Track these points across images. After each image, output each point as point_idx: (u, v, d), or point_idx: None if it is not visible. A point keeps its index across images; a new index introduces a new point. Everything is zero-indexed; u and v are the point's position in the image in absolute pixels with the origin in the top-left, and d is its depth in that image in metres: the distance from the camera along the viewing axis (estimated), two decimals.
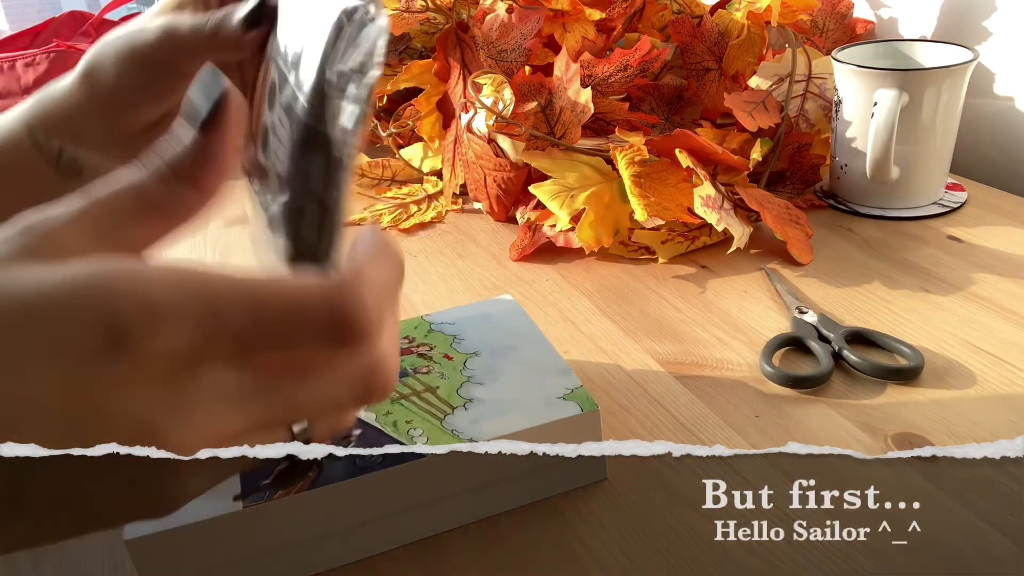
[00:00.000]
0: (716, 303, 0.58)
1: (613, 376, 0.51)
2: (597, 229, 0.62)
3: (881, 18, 0.85)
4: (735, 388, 0.49)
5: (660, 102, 0.75)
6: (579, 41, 0.76)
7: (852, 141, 0.67)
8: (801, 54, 0.72)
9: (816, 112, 0.72)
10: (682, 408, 0.48)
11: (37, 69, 0.97)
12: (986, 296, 0.56)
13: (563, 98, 0.67)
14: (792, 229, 0.63)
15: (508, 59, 0.73)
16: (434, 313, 0.51)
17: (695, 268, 0.63)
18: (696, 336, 0.54)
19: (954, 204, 0.68)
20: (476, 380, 0.44)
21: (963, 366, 0.49)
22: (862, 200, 0.69)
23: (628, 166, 0.61)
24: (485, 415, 0.41)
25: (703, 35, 0.74)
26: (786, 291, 0.58)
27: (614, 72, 0.72)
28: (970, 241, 0.63)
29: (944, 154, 0.67)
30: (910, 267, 0.60)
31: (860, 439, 0.44)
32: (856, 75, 0.65)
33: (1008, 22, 0.73)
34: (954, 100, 0.65)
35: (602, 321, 0.57)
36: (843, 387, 0.48)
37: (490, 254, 0.68)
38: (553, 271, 0.64)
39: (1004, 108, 0.75)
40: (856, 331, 0.52)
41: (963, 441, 0.43)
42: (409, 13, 0.76)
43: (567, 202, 0.62)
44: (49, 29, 1.12)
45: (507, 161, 0.70)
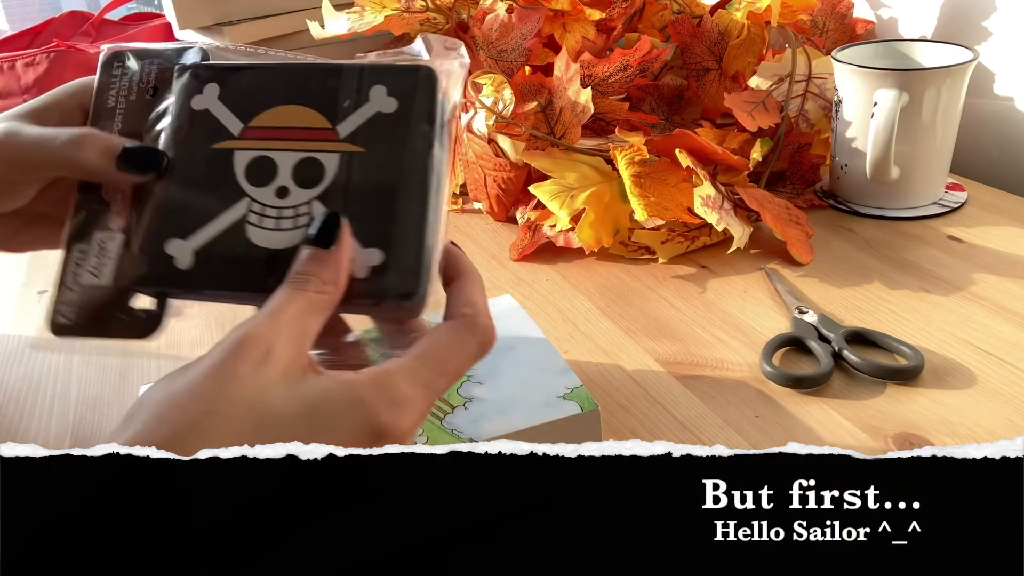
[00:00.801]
0: (716, 303, 0.58)
1: (613, 376, 0.51)
2: (597, 229, 0.62)
3: (881, 18, 0.85)
4: (735, 388, 0.49)
5: (660, 102, 0.75)
6: (579, 41, 0.76)
7: (852, 141, 0.67)
8: (801, 54, 0.72)
9: (816, 112, 0.72)
10: (682, 408, 0.48)
11: (37, 69, 0.97)
12: (986, 296, 0.56)
13: (563, 98, 0.67)
14: (792, 229, 0.63)
15: (508, 59, 0.73)
16: (434, 313, 0.51)
17: (695, 268, 0.63)
18: (696, 336, 0.54)
19: (954, 204, 0.68)
20: (476, 379, 0.44)
21: (963, 366, 0.49)
22: (862, 200, 0.69)
23: (628, 166, 0.61)
24: (485, 414, 0.41)
25: (703, 35, 0.74)
26: (786, 291, 0.58)
27: (614, 72, 0.72)
28: (970, 241, 0.63)
29: (944, 154, 0.67)
30: (910, 267, 0.60)
31: (860, 439, 0.44)
32: (856, 75, 0.65)
33: (1008, 22, 0.73)
34: (954, 100, 0.65)
35: (602, 321, 0.57)
36: (843, 387, 0.48)
37: (490, 254, 0.68)
38: (553, 271, 0.64)
39: (1004, 108, 0.75)
40: (856, 331, 0.52)
41: (963, 441, 0.43)
42: (409, 13, 0.76)
43: (567, 202, 0.62)
44: (49, 29, 1.12)
45: (507, 161, 0.70)
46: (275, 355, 0.30)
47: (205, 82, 0.36)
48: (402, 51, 0.38)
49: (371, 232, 0.34)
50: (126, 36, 1.07)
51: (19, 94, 0.97)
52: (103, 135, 0.37)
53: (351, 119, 0.35)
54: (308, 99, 0.36)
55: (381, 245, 0.34)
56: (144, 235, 0.35)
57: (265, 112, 0.36)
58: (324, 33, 0.76)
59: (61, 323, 0.36)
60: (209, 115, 0.36)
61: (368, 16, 0.74)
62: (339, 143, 0.35)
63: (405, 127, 0.35)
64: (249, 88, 0.36)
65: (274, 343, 0.30)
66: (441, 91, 0.36)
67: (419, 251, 0.34)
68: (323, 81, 0.36)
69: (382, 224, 0.34)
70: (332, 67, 0.36)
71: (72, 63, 0.96)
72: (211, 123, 0.36)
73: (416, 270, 0.33)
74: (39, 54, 0.97)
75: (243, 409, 0.29)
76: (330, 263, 0.33)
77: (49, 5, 1.85)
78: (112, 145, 0.36)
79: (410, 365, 0.31)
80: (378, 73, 0.36)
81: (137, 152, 0.36)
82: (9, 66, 0.97)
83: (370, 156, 0.35)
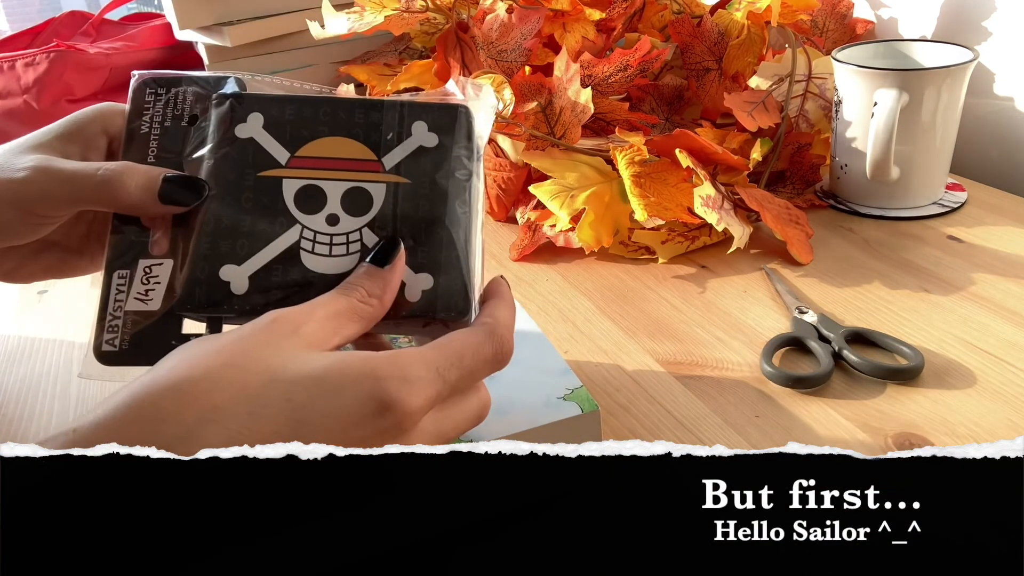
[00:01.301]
0: (716, 303, 0.58)
1: (613, 376, 0.51)
2: (597, 229, 0.62)
3: (881, 18, 0.85)
4: (735, 388, 0.49)
5: (660, 102, 0.75)
6: (579, 41, 0.76)
7: (852, 141, 0.67)
8: (801, 54, 0.72)
9: (816, 112, 0.72)
10: (682, 408, 0.48)
11: (37, 69, 0.97)
12: (986, 296, 0.56)
13: (563, 98, 0.67)
14: (792, 229, 0.63)
15: (508, 59, 0.73)
16: None
17: (695, 268, 0.63)
18: (696, 336, 0.54)
19: (954, 204, 0.68)
20: None
21: (963, 366, 0.49)
22: (862, 200, 0.69)
23: (628, 166, 0.61)
24: None
25: (703, 35, 0.74)
26: (786, 291, 0.58)
27: (614, 72, 0.72)
28: (970, 241, 0.63)
29: (944, 154, 0.67)
30: (910, 267, 0.60)
31: (860, 439, 0.44)
32: (856, 75, 0.65)
33: (1008, 22, 0.73)
34: (954, 100, 0.65)
35: (602, 321, 0.57)
36: (843, 387, 0.48)
37: (490, 254, 0.68)
38: (553, 271, 0.64)
39: (1004, 108, 0.75)
40: (856, 331, 0.52)
41: (963, 441, 0.43)
42: (409, 13, 0.76)
43: (567, 202, 0.62)
44: (49, 29, 1.12)
45: (507, 161, 0.70)
46: (301, 333, 0.31)
47: (248, 111, 0.37)
48: (436, 91, 0.40)
49: (421, 258, 0.36)
50: (126, 36, 1.07)
51: (19, 94, 0.96)
52: (142, 168, 0.37)
53: (395, 152, 0.37)
54: (353, 132, 0.37)
55: (431, 270, 0.36)
56: (197, 261, 0.36)
57: (311, 143, 0.37)
58: (324, 33, 0.76)
59: (108, 351, 0.36)
60: (255, 143, 0.37)
61: (368, 16, 0.74)
62: (385, 174, 0.37)
63: (447, 160, 0.37)
64: (294, 119, 0.37)
65: (303, 325, 0.31)
66: (477, 129, 0.38)
67: (466, 275, 0.36)
68: (366, 115, 0.38)
69: (431, 251, 0.36)
70: (372, 102, 0.38)
71: (72, 63, 0.96)
72: (257, 151, 0.37)
73: (464, 292, 0.36)
74: (39, 54, 0.97)
75: (258, 363, 0.30)
76: (380, 278, 0.34)
77: (49, 5, 1.84)
78: (152, 177, 0.36)
79: (425, 351, 0.32)
80: (418, 110, 0.38)
81: (178, 183, 0.36)
82: (9, 66, 0.97)
83: (415, 187, 0.37)
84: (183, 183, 0.36)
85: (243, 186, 0.36)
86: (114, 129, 0.39)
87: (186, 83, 0.39)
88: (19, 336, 0.61)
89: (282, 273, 0.35)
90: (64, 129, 0.38)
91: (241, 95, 0.38)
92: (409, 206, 0.37)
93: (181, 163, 0.38)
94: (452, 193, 0.37)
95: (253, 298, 0.35)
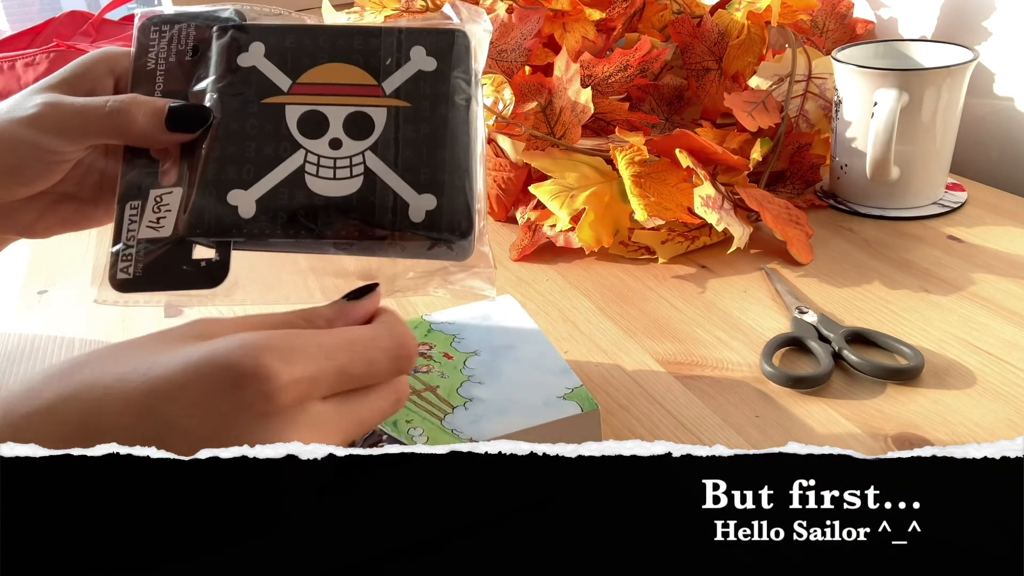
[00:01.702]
0: (716, 303, 0.58)
1: (613, 376, 0.51)
2: (597, 229, 0.62)
3: (881, 18, 0.85)
4: (735, 388, 0.49)
5: (660, 102, 0.75)
6: (579, 41, 0.76)
7: (852, 141, 0.67)
8: (801, 54, 0.72)
9: (816, 112, 0.72)
10: (682, 408, 0.48)
11: (37, 69, 0.97)
12: (986, 296, 0.56)
13: (563, 98, 0.67)
14: (792, 229, 0.63)
15: (508, 59, 0.73)
16: (434, 313, 0.51)
17: (695, 268, 0.63)
18: (696, 336, 0.54)
19: (954, 204, 0.68)
20: (476, 379, 0.44)
21: (963, 366, 0.49)
22: (862, 200, 0.69)
23: (628, 166, 0.61)
24: (485, 414, 0.41)
25: (703, 35, 0.74)
26: (786, 291, 0.58)
27: (614, 72, 0.72)
28: (970, 241, 0.63)
29: (944, 154, 0.67)
30: (910, 267, 0.60)
31: (860, 439, 0.44)
32: (856, 75, 0.65)
33: (1008, 22, 0.73)
34: (954, 100, 0.65)
35: (602, 321, 0.57)
36: (843, 387, 0.48)
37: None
38: (553, 271, 0.64)
39: (1004, 108, 0.75)
40: (856, 331, 0.52)
41: (963, 441, 0.43)
42: (409, 13, 0.76)
43: (567, 202, 0.62)
44: (49, 29, 1.12)
45: (507, 161, 0.70)
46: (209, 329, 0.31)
47: (249, 41, 0.38)
48: (432, 16, 0.41)
49: (424, 179, 0.37)
50: (126, 36, 1.07)
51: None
52: (148, 99, 0.38)
53: (394, 76, 0.38)
54: (352, 58, 0.38)
55: (434, 191, 0.36)
56: (205, 187, 0.36)
57: (312, 69, 0.38)
58: None
59: (123, 278, 0.36)
60: (257, 72, 0.38)
61: (368, 16, 0.74)
62: (385, 98, 0.38)
63: (446, 84, 0.38)
64: (294, 47, 0.38)
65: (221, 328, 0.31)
66: (473, 52, 0.39)
67: (469, 195, 0.37)
68: (364, 41, 0.38)
69: (433, 172, 0.37)
70: (371, 29, 0.39)
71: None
72: (259, 79, 0.38)
73: (467, 212, 0.37)
74: (39, 54, 0.97)
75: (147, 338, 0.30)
76: (338, 306, 0.34)
77: (49, 5, 1.84)
78: (158, 107, 0.37)
79: (315, 332, 0.31)
80: (416, 35, 0.39)
81: (184, 111, 0.37)
82: (9, 66, 0.97)
83: (416, 110, 0.38)
84: (189, 111, 0.37)
85: (247, 113, 0.37)
86: (119, 70, 0.40)
87: (188, 19, 0.40)
88: (19, 336, 0.62)
89: (288, 197, 0.36)
90: (71, 72, 0.39)
91: (242, 25, 0.39)
92: (410, 129, 0.37)
93: (187, 95, 0.39)
94: (452, 115, 0.38)
95: (260, 221, 0.36)
